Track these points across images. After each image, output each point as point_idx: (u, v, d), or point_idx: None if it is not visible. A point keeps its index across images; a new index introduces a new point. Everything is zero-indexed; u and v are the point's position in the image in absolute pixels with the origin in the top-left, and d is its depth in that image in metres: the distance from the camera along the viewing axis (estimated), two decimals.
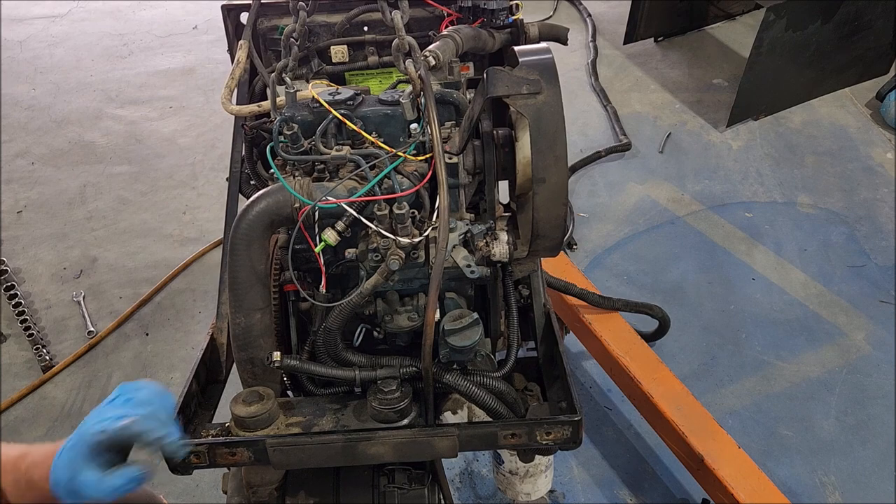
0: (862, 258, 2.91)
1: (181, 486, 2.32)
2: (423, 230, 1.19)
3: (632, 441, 2.33)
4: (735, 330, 2.66)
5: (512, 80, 1.13)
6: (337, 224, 1.17)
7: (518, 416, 1.23)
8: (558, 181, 1.14)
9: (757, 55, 3.30)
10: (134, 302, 2.93)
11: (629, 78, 4.02)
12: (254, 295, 1.18)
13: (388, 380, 1.19)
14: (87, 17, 5.13)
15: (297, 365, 1.19)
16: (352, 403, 1.24)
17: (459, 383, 1.19)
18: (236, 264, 1.17)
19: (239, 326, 1.18)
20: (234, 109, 1.59)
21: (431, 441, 1.17)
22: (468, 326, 1.17)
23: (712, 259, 2.95)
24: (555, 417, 1.19)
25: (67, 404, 2.60)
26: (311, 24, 1.67)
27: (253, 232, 1.16)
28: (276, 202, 1.17)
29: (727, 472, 1.89)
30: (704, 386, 2.44)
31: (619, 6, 4.35)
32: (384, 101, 1.29)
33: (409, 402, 1.19)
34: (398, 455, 1.18)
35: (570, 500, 2.20)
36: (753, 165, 3.39)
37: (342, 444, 1.15)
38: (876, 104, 3.62)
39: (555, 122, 1.13)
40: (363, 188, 1.18)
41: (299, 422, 1.20)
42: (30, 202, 3.49)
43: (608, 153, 3.47)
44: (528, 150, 1.18)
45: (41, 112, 4.15)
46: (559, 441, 1.18)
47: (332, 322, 1.20)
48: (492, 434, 1.18)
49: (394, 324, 1.26)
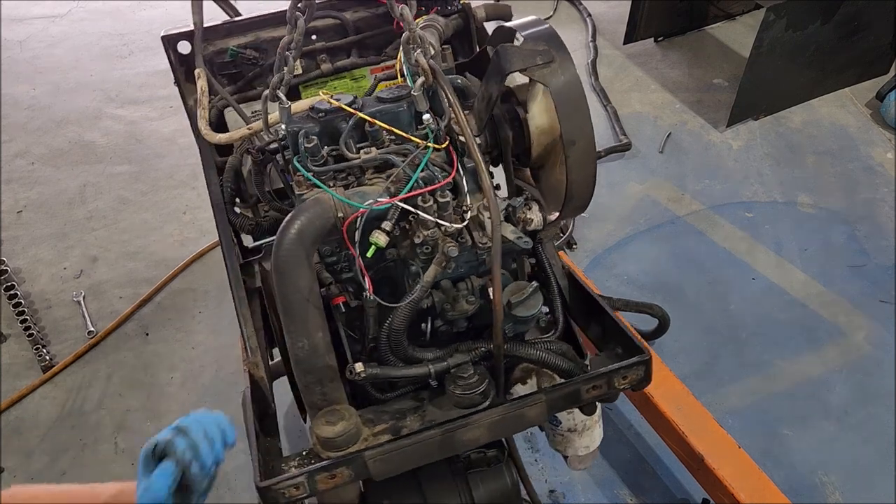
0: (862, 258, 2.91)
1: None
2: (464, 215, 1.21)
3: (632, 441, 2.33)
4: (735, 330, 2.66)
5: (524, 53, 1.19)
6: (384, 225, 1.16)
7: (584, 370, 1.27)
8: (587, 142, 1.21)
9: (757, 55, 3.30)
10: (134, 302, 2.93)
11: (629, 78, 4.02)
12: (312, 315, 1.12)
13: (464, 366, 1.21)
14: (86, 17, 5.13)
15: (378, 372, 1.19)
16: (425, 400, 1.25)
17: (532, 353, 1.24)
18: (288, 288, 1.10)
19: (303, 350, 1.12)
20: (221, 138, 1.52)
21: (523, 412, 1.20)
22: (531, 296, 1.22)
23: (712, 259, 2.95)
24: (629, 361, 1.23)
25: (67, 404, 2.60)
26: (258, 42, 1.65)
27: (298, 252, 1.11)
28: (317, 216, 1.13)
29: (727, 471, 1.89)
30: (704, 386, 2.44)
31: (619, 6, 4.35)
32: (386, 99, 1.29)
33: (488, 382, 1.21)
34: (493, 434, 1.20)
35: (571, 500, 2.20)
36: (753, 165, 3.39)
37: (440, 438, 1.16)
38: (876, 104, 3.61)
39: (575, 85, 1.21)
40: (406, 185, 1.17)
41: (385, 429, 1.19)
42: (30, 202, 3.49)
43: (608, 153, 3.46)
44: (541, 120, 1.27)
45: (41, 112, 4.15)
46: (634, 382, 1.25)
47: (398, 323, 1.19)
48: (575, 391, 1.23)
49: (456, 311, 1.26)
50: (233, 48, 1.64)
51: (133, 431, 2.50)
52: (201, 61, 1.62)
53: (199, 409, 1.08)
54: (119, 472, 2.39)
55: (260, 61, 1.66)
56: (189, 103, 1.66)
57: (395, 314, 1.19)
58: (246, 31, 1.69)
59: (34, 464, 2.42)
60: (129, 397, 2.61)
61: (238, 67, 1.68)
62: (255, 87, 1.70)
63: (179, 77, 1.68)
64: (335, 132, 1.26)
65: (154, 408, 2.57)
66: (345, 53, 1.75)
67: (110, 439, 2.49)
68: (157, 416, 2.54)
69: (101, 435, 2.50)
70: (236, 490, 2.28)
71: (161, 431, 1.03)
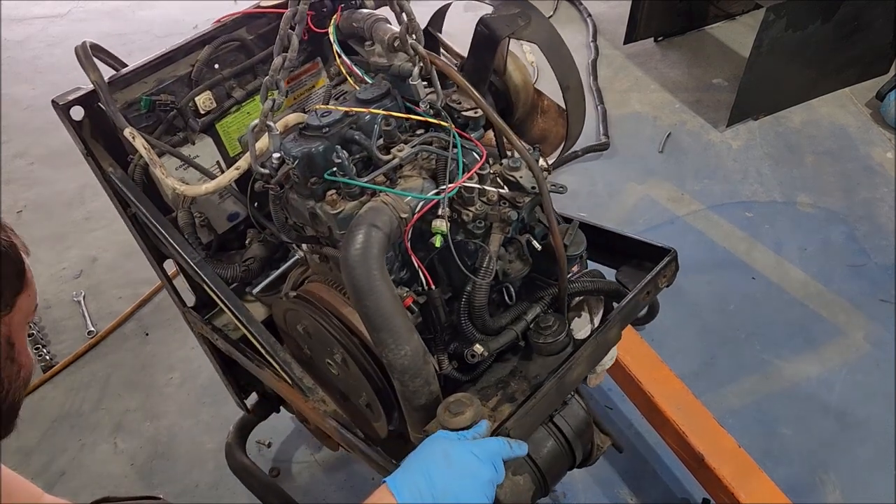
0: (862, 257, 2.91)
1: (181, 486, 2.32)
2: (499, 179, 1.28)
3: (632, 441, 2.33)
4: (735, 330, 2.66)
5: (505, 20, 1.31)
6: (441, 212, 1.18)
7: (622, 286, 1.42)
8: (577, 83, 1.37)
9: (757, 55, 3.30)
10: (134, 302, 2.93)
11: (629, 78, 4.02)
12: (403, 322, 1.11)
13: (543, 317, 1.29)
14: (86, 18, 5.13)
15: (491, 347, 1.25)
16: (510, 363, 1.33)
17: (590, 286, 1.37)
18: (373, 303, 1.08)
19: (407, 357, 1.11)
20: (209, 187, 1.42)
21: (607, 336, 1.35)
22: (577, 234, 1.31)
23: (712, 258, 2.95)
24: (664, 261, 1.44)
25: (67, 404, 2.60)
26: (165, 85, 1.52)
27: (373, 265, 1.09)
28: (382, 223, 1.12)
29: (727, 471, 1.89)
30: (704, 386, 2.44)
31: (619, 6, 4.35)
32: (367, 99, 1.28)
33: (566, 324, 1.29)
34: (590, 364, 1.33)
35: (571, 499, 2.20)
36: (753, 165, 3.39)
37: (556, 387, 1.24)
38: (876, 104, 3.61)
39: (555, 36, 1.36)
40: (455, 170, 1.21)
41: (498, 401, 1.26)
42: (29, 202, 3.49)
43: (585, 153, 3.47)
44: (516, 78, 1.44)
45: (41, 112, 4.14)
46: (670, 277, 1.46)
47: (479, 299, 1.22)
48: (635, 303, 1.39)
49: (515, 271, 1.30)
50: (145, 97, 1.49)
51: (132, 432, 2.50)
52: (123, 120, 1.44)
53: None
54: (118, 472, 2.39)
55: (176, 104, 1.52)
56: (108, 170, 1.51)
57: (474, 291, 1.22)
58: (146, 77, 1.53)
59: (33, 464, 2.41)
60: (128, 397, 2.61)
61: (153, 116, 1.53)
62: (177, 131, 1.57)
63: (89, 145, 1.50)
64: (344, 142, 1.24)
65: (153, 408, 2.57)
66: (251, 74, 1.64)
67: (109, 439, 2.49)
68: (156, 417, 2.54)
69: (100, 435, 2.50)
70: (236, 490, 2.28)
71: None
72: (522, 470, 1.25)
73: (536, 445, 1.31)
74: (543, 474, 1.31)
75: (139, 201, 1.51)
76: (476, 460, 1.04)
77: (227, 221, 1.70)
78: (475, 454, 1.05)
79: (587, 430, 1.41)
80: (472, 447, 1.06)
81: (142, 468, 2.39)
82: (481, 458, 1.05)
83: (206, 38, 1.58)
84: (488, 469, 1.05)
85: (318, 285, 1.41)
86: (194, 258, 1.50)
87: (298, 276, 1.53)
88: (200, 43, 1.58)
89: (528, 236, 1.28)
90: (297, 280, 1.53)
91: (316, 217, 1.26)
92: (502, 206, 1.25)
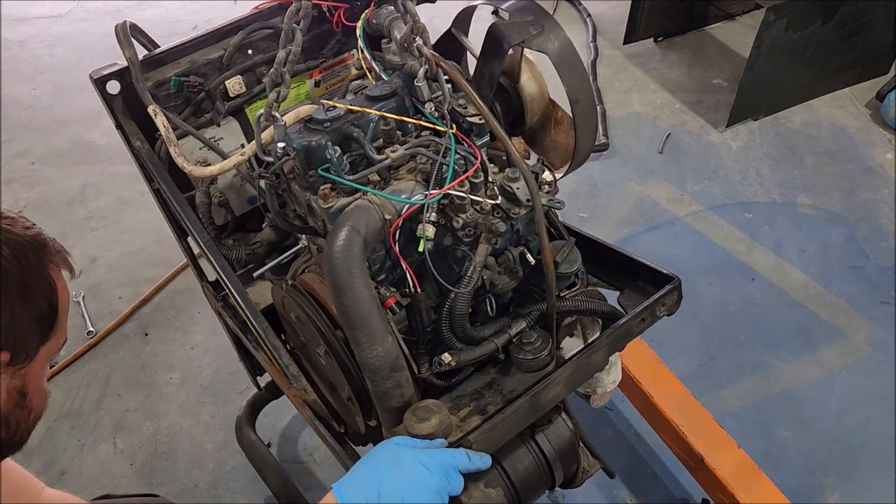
0: (862, 259, 2.91)
1: (181, 486, 2.32)
2: (495, 189, 1.24)
3: (632, 441, 2.33)
4: (735, 330, 2.66)
5: (517, 27, 1.27)
6: (429, 217, 1.16)
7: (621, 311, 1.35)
8: (588, 98, 1.31)
9: (757, 55, 3.30)
10: (134, 302, 2.93)
11: (629, 78, 4.02)
12: (379, 322, 1.11)
13: (526, 332, 1.26)
14: (87, 17, 5.13)
15: (462, 358, 1.22)
16: (489, 375, 1.30)
17: (583, 305, 1.30)
18: (350, 300, 1.08)
19: (379, 357, 1.11)
20: (213, 169, 1.45)
21: (590, 359, 1.29)
22: (571, 252, 1.26)
23: (712, 259, 2.95)
24: (665, 289, 1.35)
25: (67, 404, 2.60)
26: (196, 67, 1.57)
27: (354, 262, 1.09)
28: (365, 223, 1.12)
29: (727, 472, 1.90)
30: (704, 386, 2.44)
31: (619, 6, 4.35)
32: (377, 97, 1.29)
33: (550, 342, 1.25)
34: (569, 387, 1.28)
35: (570, 500, 2.20)
36: (753, 166, 3.39)
37: (528, 404, 1.20)
38: (876, 104, 3.61)
39: (569, 48, 1.30)
40: (445, 174, 1.19)
41: (470, 411, 1.23)
42: (30, 202, 3.49)
43: None
44: (530, 87, 1.38)
45: (41, 112, 4.15)
46: (671, 307, 1.37)
47: (460, 307, 1.21)
48: (628, 328, 1.32)
49: (504, 283, 1.28)
50: (175, 77, 1.54)
51: (132, 431, 2.50)
52: (149, 97, 1.49)
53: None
54: (118, 471, 2.39)
55: (205, 86, 1.57)
56: (136, 144, 1.55)
57: (455, 300, 1.21)
58: (178, 59, 1.58)
59: (33, 464, 2.42)
60: (128, 397, 2.62)
61: (182, 96, 1.57)
62: (204, 113, 1.61)
63: (120, 119, 1.56)
64: (344, 138, 1.25)
65: (153, 408, 2.57)
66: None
67: (109, 439, 2.49)
68: (156, 417, 2.54)
69: (99, 435, 2.50)
70: (236, 490, 2.28)
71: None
72: (496, 483, 1.23)
73: (514, 461, 1.29)
74: (517, 490, 1.27)
75: (160, 177, 1.54)
76: (423, 468, 1.04)
77: (248, 204, 1.74)
78: (423, 462, 1.04)
79: (570, 451, 1.37)
80: (421, 455, 1.05)
81: (142, 468, 2.39)
82: (429, 467, 1.04)
83: (240, 23, 1.62)
84: (438, 478, 1.04)
85: (313, 276, 1.41)
86: (203, 237, 1.53)
87: (301, 264, 1.55)
88: (235, 28, 1.61)
89: (522, 249, 1.26)
90: (299, 269, 1.54)
91: (312, 209, 1.27)
92: (495, 216, 1.23)
